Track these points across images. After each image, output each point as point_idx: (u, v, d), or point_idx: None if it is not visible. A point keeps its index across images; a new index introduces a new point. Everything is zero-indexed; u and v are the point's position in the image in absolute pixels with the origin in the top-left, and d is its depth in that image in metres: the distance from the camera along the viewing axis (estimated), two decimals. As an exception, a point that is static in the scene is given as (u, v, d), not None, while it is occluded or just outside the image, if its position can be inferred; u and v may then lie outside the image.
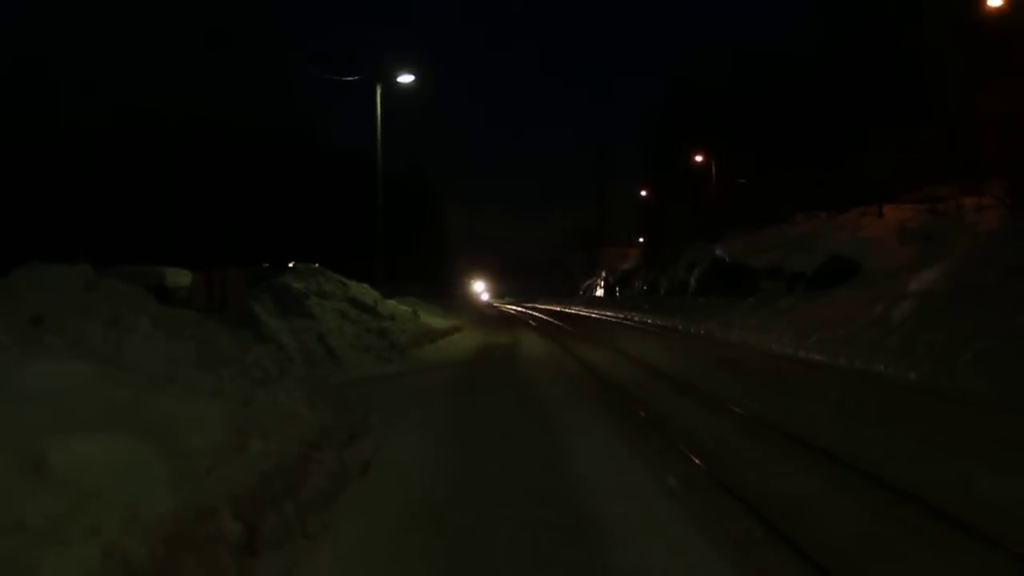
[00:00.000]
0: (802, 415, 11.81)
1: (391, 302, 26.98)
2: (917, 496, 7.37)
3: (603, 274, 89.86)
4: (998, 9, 23.67)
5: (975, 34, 26.15)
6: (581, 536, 6.58)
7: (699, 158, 51.88)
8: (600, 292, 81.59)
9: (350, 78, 31.25)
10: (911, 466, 8.49)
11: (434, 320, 30.64)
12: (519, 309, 71.74)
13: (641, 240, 78.85)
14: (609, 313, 54.03)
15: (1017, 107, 23.14)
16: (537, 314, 59.10)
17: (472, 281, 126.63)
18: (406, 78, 29.87)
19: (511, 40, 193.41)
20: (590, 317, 53.55)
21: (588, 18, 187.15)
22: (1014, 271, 18.72)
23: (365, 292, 24.85)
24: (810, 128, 39.40)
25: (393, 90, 30.54)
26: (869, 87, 34.43)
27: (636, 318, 45.50)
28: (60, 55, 31.44)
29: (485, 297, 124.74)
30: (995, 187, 28.29)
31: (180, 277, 24.50)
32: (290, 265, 27.57)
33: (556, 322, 45.63)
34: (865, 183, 34.74)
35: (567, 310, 69.04)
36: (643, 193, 71.45)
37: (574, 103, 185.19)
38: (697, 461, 8.98)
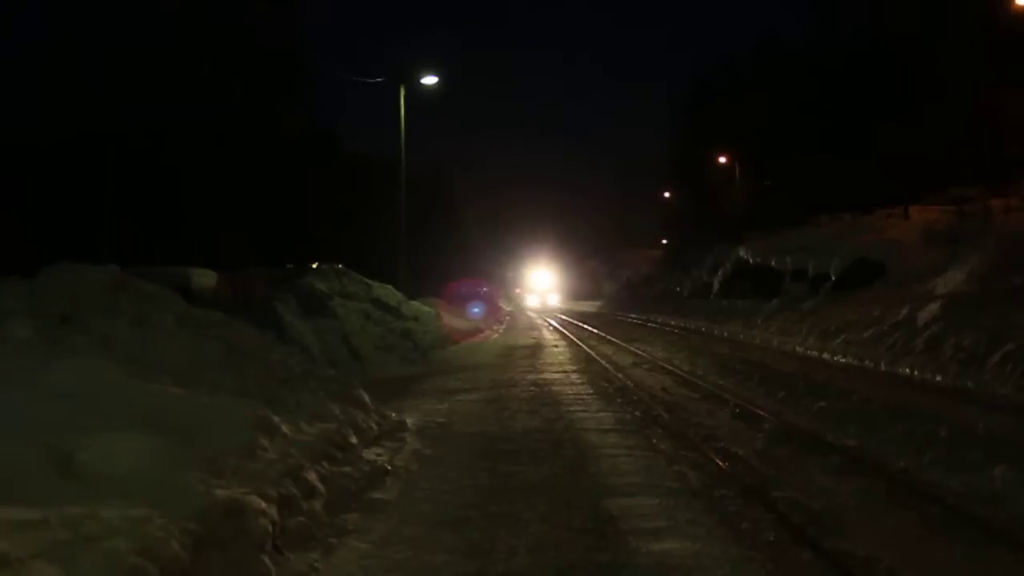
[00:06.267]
0: (827, 418, 11.73)
1: (414, 303, 27.05)
2: (947, 502, 7.33)
3: (626, 275, 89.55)
4: (1026, 9, 23.47)
5: (1004, 34, 25.92)
6: (606, 538, 6.57)
7: (723, 159, 51.64)
8: (623, 293, 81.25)
9: (375, 79, 31.35)
10: (940, 472, 8.42)
11: (457, 321, 30.70)
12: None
13: (664, 241, 78.57)
14: (632, 315, 53.88)
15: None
16: (567, 318, 58.88)
17: (520, 277, 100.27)
18: (430, 79, 29.89)
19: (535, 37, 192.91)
20: (612, 318, 53.41)
21: (614, 16, 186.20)
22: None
23: (388, 293, 24.93)
24: (835, 129, 39.14)
25: (417, 90, 30.59)
26: (896, 87, 34.17)
27: (659, 319, 45.38)
28: (87, 52, 31.79)
29: (553, 302, 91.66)
30: (1023, 188, 28.02)
31: (205, 278, 24.63)
32: (314, 266, 27.65)
33: (577, 322, 45.55)
34: (891, 184, 34.45)
35: (589, 311, 68.98)
36: (666, 195, 71.25)
37: (597, 105, 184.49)
38: (721, 463, 8.95)
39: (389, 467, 8.82)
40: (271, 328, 17.40)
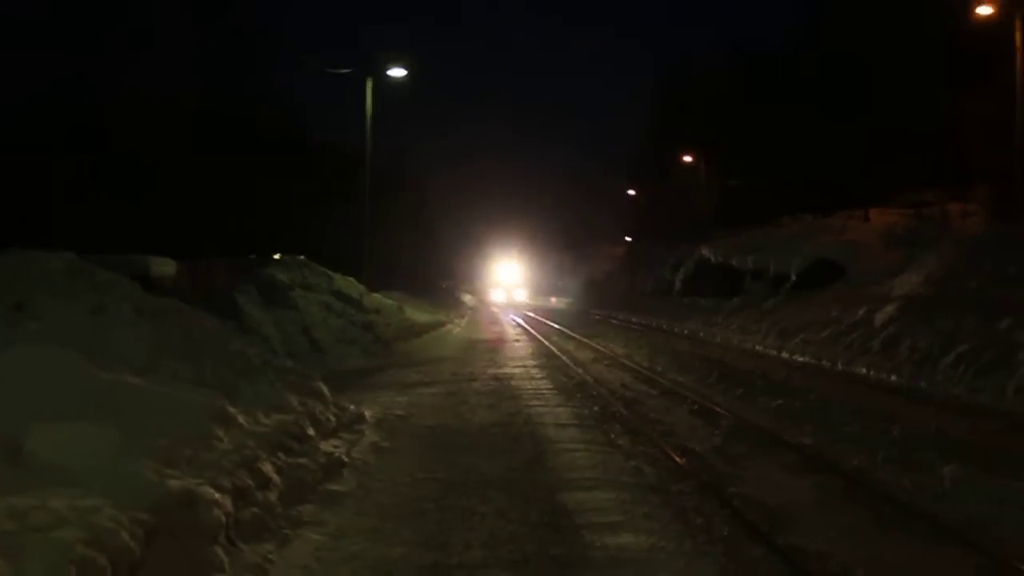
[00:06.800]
0: (784, 416, 11.86)
1: (376, 295, 26.93)
2: (899, 499, 7.45)
3: (588, 272, 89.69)
4: (987, 18, 23.79)
5: (964, 40, 26.30)
6: (561, 531, 6.58)
7: (688, 159, 51.91)
8: (587, 290, 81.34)
9: (342, 71, 31.10)
10: (893, 470, 8.54)
11: (420, 314, 30.61)
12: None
13: (628, 239, 78.83)
14: (595, 311, 54.09)
15: (1002, 114, 23.24)
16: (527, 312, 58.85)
17: (486, 270, 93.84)
18: (398, 72, 29.68)
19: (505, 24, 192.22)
20: (574, 314, 53.57)
21: (584, 15, 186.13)
22: (996, 277, 18.86)
23: (350, 285, 24.81)
24: (799, 132, 39.48)
25: (384, 81, 30.36)
26: (859, 92, 34.51)
27: (621, 316, 45.56)
28: (42, 40, 31.31)
29: (520, 298, 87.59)
30: (980, 193, 28.46)
31: (165, 266, 24.34)
32: (276, 256, 27.41)
33: (540, 318, 45.66)
34: (852, 186, 34.83)
35: (554, 307, 69.17)
36: (631, 192, 71.46)
37: (564, 98, 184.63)
38: (678, 459, 9.01)
39: (346, 459, 8.78)
40: (231, 318, 17.25)
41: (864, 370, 17.39)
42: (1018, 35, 22.02)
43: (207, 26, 35.60)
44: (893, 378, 16.21)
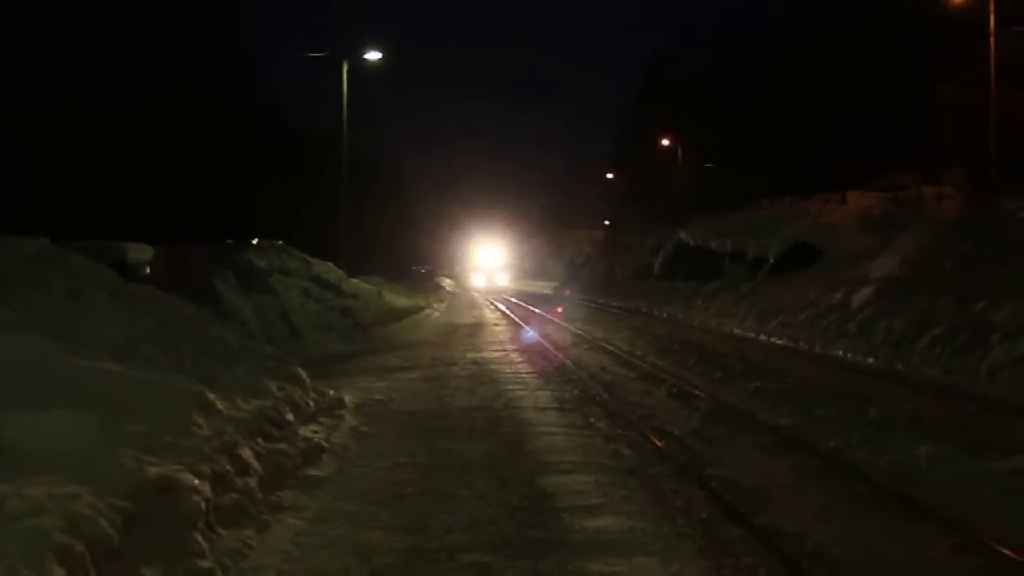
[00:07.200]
0: (762, 398, 11.94)
1: (355, 281, 26.88)
2: (875, 480, 7.52)
3: (568, 256, 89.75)
4: (962, 1, 23.94)
5: (940, 24, 26.43)
6: (541, 514, 6.60)
7: (666, 142, 51.99)
8: (565, 274, 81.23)
9: (318, 54, 30.91)
10: (869, 451, 8.62)
11: (398, 299, 30.57)
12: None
13: (607, 223, 78.91)
14: (575, 295, 54.17)
15: (976, 99, 23.42)
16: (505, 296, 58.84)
17: (467, 254, 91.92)
18: (374, 55, 29.52)
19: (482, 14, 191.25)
20: (554, 297, 53.63)
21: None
22: (971, 259, 19.03)
23: (329, 270, 24.76)
24: (777, 115, 39.60)
25: (361, 65, 30.19)
26: (835, 76, 34.62)
27: (600, 300, 45.65)
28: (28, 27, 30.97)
29: (502, 282, 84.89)
30: (955, 176, 28.67)
31: (141, 253, 24.16)
32: (253, 242, 27.28)
33: (520, 302, 45.68)
34: (830, 169, 34.97)
35: (532, 291, 69.20)
36: (609, 176, 71.51)
37: (544, 82, 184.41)
38: (657, 442, 9.06)
39: (326, 444, 8.77)
40: (209, 304, 17.16)
41: (841, 352, 17.51)
42: (992, 19, 22.18)
43: (185, 16, 35.24)
44: (870, 360, 16.33)
